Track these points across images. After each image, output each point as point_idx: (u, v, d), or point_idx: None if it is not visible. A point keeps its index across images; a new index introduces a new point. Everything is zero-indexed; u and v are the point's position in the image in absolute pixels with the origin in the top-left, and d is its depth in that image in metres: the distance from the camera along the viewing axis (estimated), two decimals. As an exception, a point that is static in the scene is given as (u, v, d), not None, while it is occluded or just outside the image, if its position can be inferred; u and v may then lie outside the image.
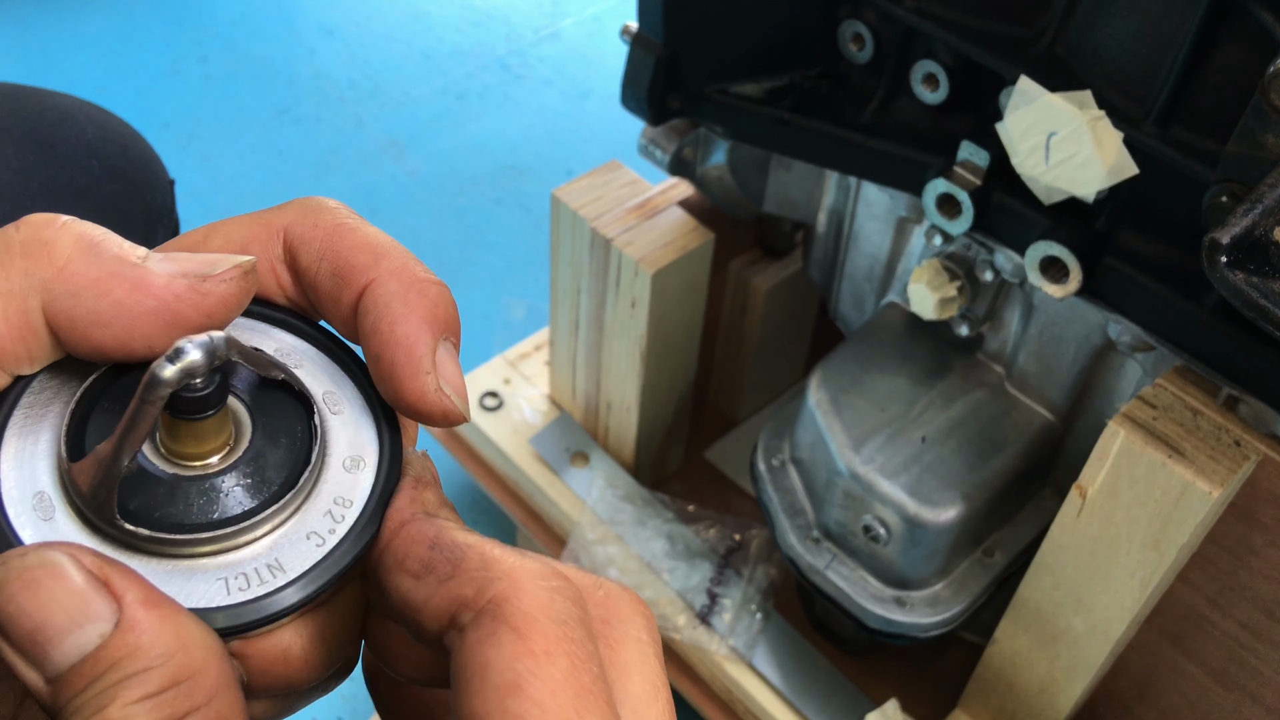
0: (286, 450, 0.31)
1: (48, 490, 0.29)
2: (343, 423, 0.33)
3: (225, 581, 0.29)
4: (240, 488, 0.30)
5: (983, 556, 0.88)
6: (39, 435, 0.30)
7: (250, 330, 0.33)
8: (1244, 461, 0.69)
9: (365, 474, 0.32)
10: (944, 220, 0.77)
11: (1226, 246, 0.46)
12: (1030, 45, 0.72)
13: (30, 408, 0.30)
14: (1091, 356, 0.81)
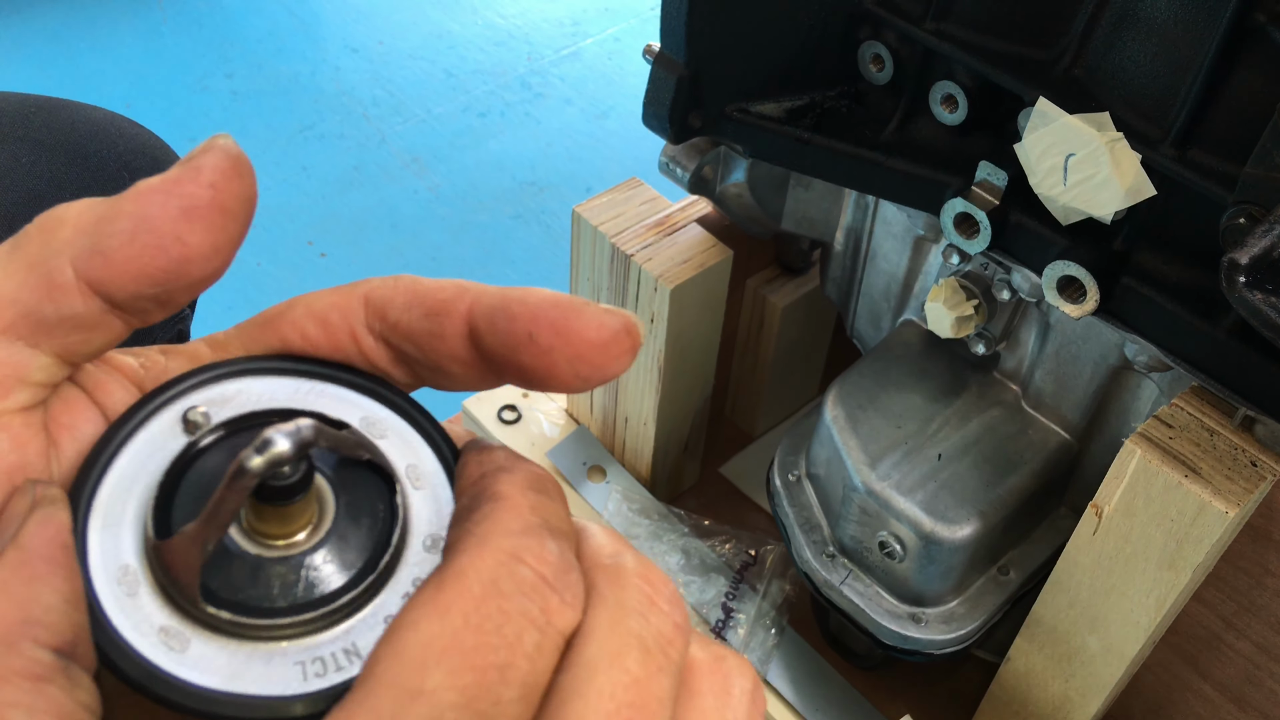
0: (369, 530, 0.30)
1: (133, 564, 0.29)
2: (424, 499, 0.32)
3: (303, 666, 0.29)
4: (322, 570, 0.29)
5: (998, 574, 0.88)
6: (127, 504, 0.29)
7: (336, 399, 0.33)
8: (1260, 482, 0.69)
9: None
10: (962, 240, 0.78)
11: (1245, 266, 0.47)
12: (1049, 67, 0.73)
13: (120, 476, 0.30)
14: (1108, 376, 0.82)
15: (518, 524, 0.28)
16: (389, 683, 0.25)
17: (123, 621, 0.28)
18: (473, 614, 0.26)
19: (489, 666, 0.26)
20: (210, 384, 0.32)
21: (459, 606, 0.26)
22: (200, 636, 0.28)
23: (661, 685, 0.28)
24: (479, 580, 0.27)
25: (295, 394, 0.32)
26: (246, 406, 0.31)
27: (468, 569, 0.27)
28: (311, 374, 0.33)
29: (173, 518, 0.29)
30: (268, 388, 0.33)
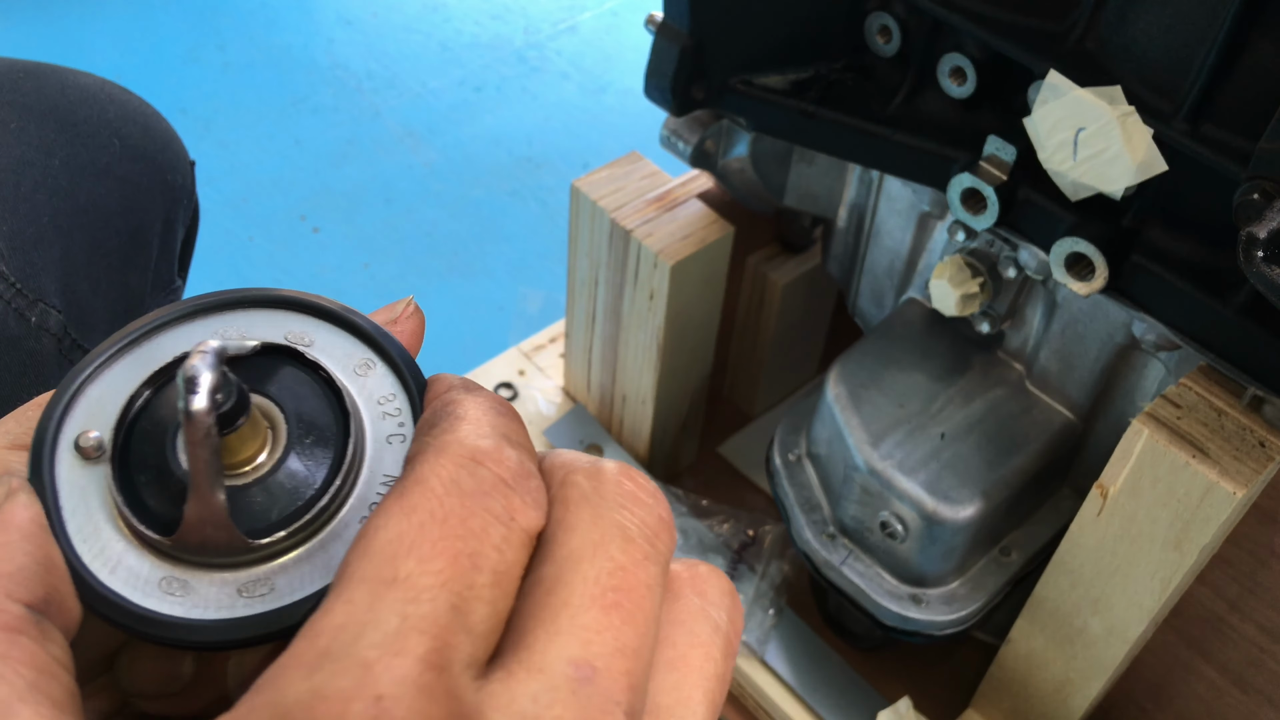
0: (325, 437, 0.31)
1: (106, 529, 0.30)
2: (370, 397, 0.32)
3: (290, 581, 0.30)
4: (291, 484, 0.30)
5: (999, 555, 0.87)
6: (88, 482, 0.30)
7: (249, 323, 0.33)
8: (1269, 462, 0.68)
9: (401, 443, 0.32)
10: (969, 215, 0.77)
11: (1264, 241, 0.45)
12: (1060, 40, 0.71)
13: (70, 487, 0.30)
14: (1114, 355, 0.81)
15: (475, 433, 0.29)
16: (361, 577, 0.26)
17: (116, 581, 0.29)
18: (437, 509, 0.27)
19: (459, 553, 0.26)
20: (97, 373, 0.31)
21: (423, 505, 0.27)
22: (194, 577, 0.29)
23: (649, 572, 0.29)
24: (440, 481, 0.27)
25: (210, 331, 0.33)
26: (177, 351, 0.32)
27: (428, 474, 0.28)
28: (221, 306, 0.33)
29: (134, 475, 0.30)
30: (188, 335, 0.32)
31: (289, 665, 0.25)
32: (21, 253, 0.61)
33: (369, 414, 0.32)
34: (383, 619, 0.25)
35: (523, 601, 0.27)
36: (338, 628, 0.25)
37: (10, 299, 0.60)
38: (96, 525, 0.30)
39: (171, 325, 0.32)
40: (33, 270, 0.61)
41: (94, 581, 0.29)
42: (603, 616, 0.27)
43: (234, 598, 0.29)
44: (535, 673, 0.26)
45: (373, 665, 0.24)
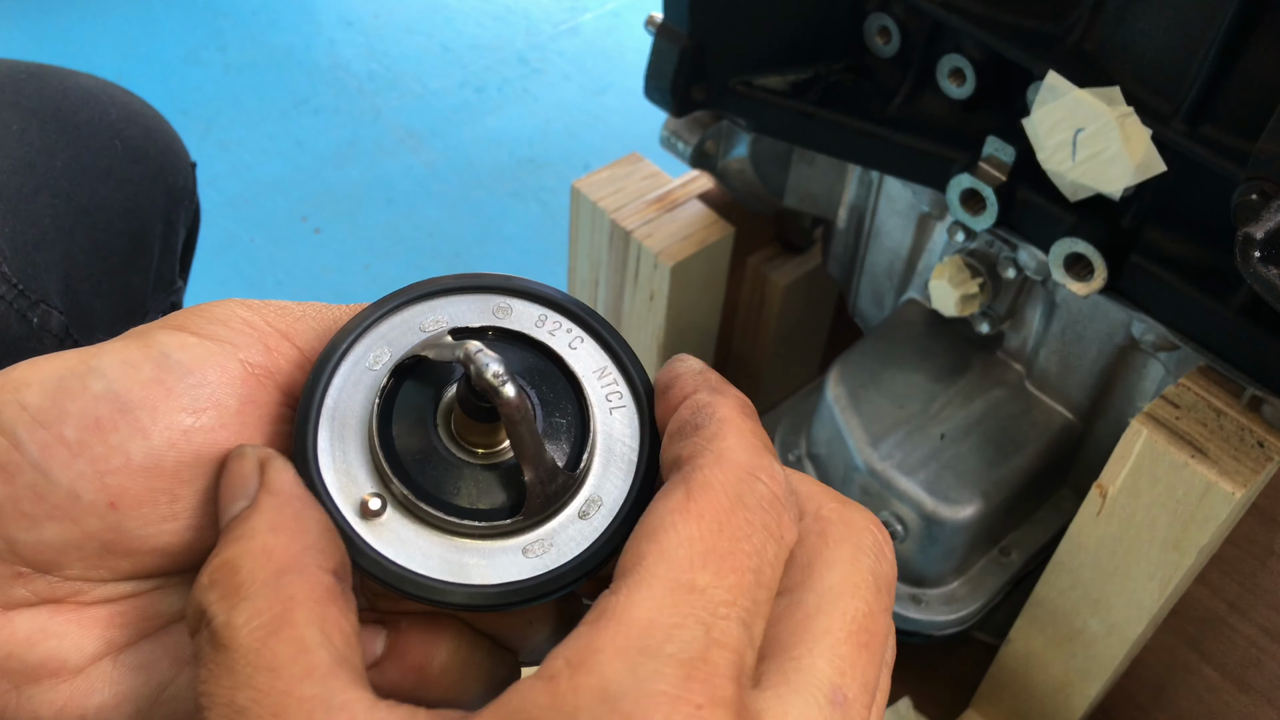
0: (565, 433, 0.35)
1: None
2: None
3: (532, 557, 0.34)
4: (554, 446, 0.34)
5: (999, 555, 0.88)
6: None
7: (456, 307, 0.36)
8: (1267, 462, 0.68)
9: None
10: (968, 216, 0.77)
11: (1260, 241, 0.46)
12: (1059, 40, 0.72)
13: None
14: (1113, 355, 0.81)
15: (748, 444, 0.31)
16: (662, 576, 0.28)
17: (357, 523, 0.33)
18: (725, 522, 0.29)
19: (745, 569, 0.29)
20: (387, 317, 0.35)
21: (711, 514, 0.29)
22: (420, 533, 0.33)
23: (885, 623, 0.32)
24: (725, 493, 0.30)
25: (472, 313, 0.36)
26: (444, 325, 0.35)
27: (713, 481, 0.30)
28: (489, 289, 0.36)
29: (393, 433, 0.34)
30: (454, 310, 0.36)
31: (606, 648, 0.27)
32: (23, 254, 0.61)
33: (590, 386, 0.36)
34: (689, 628, 0.27)
35: (784, 620, 0.30)
36: (647, 623, 0.27)
37: (12, 300, 0.60)
38: (364, 501, 0.33)
39: (388, 314, 0.35)
40: (34, 271, 0.61)
41: (382, 558, 0.32)
42: (856, 652, 0.30)
43: (519, 557, 0.33)
44: (800, 691, 0.28)
45: (690, 675, 0.27)
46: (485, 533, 0.33)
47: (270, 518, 0.31)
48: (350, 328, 0.35)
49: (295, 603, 0.29)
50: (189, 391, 0.32)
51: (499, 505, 0.34)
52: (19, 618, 0.32)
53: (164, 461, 0.32)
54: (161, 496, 0.32)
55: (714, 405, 0.32)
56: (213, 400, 0.33)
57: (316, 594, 0.29)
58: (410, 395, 0.34)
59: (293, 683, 0.27)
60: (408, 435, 0.34)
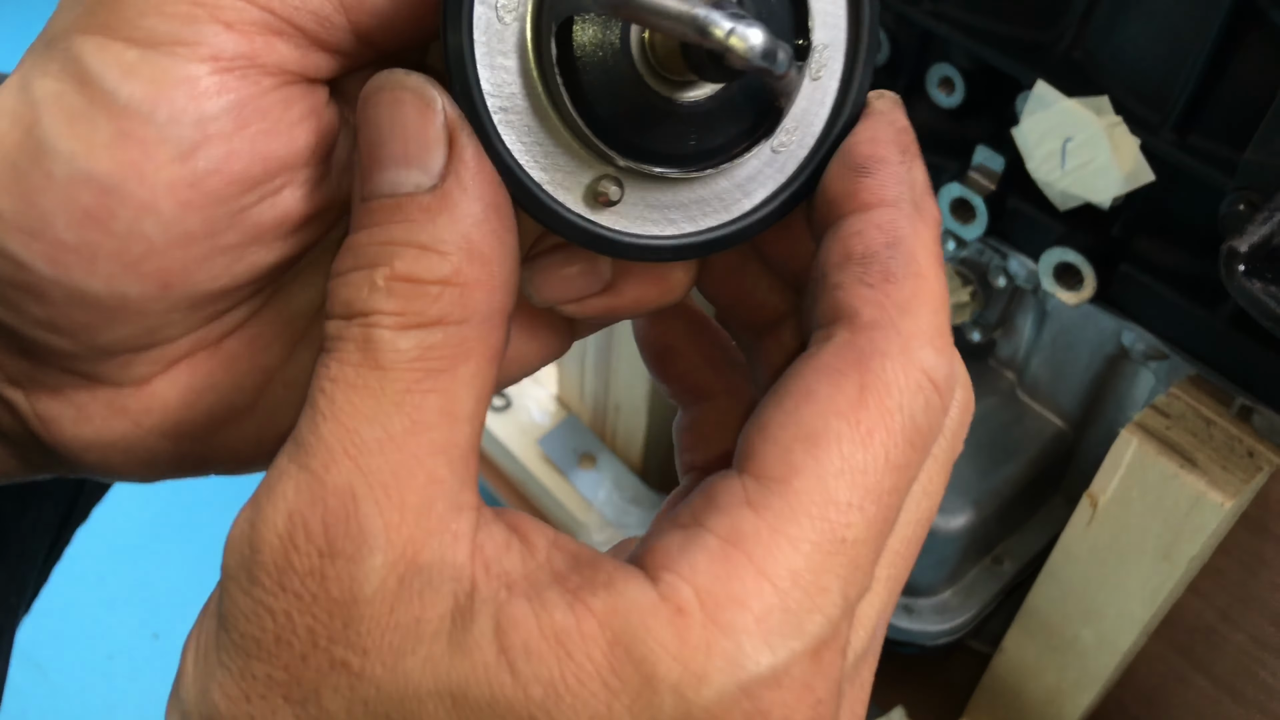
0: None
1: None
2: None
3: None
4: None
5: (992, 564, 0.87)
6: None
7: None
8: (1257, 473, 0.68)
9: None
10: (958, 225, 0.77)
11: (1244, 255, 0.45)
12: (1048, 50, 0.72)
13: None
14: (1104, 364, 0.81)
15: (936, 327, 0.28)
16: (816, 517, 0.26)
17: (596, 214, 0.30)
18: (891, 455, 0.27)
19: (892, 508, 0.27)
20: None
21: (880, 439, 0.27)
22: (667, 193, 0.31)
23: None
24: (901, 410, 0.27)
25: None
26: None
27: (892, 387, 0.27)
28: None
29: (590, 98, 0.29)
30: None
31: (749, 603, 0.25)
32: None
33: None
34: (830, 598, 0.26)
35: None
36: (791, 582, 0.25)
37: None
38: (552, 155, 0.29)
39: None
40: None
41: (645, 240, 0.30)
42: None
43: (770, 158, 0.31)
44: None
45: (818, 659, 0.25)
46: (734, 160, 0.31)
47: (469, 232, 0.27)
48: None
49: (468, 365, 0.26)
50: (168, 136, 0.27)
51: (744, 128, 0.31)
52: None
53: (191, 226, 0.28)
54: (217, 256, 0.29)
55: (913, 247, 0.29)
56: (202, 132, 0.27)
57: (487, 356, 0.27)
58: (587, 44, 0.29)
59: (419, 457, 0.26)
60: (609, 96, 0.29)
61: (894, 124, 0.31)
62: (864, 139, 0.31)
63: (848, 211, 0.30)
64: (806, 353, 0.28)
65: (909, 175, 0.30)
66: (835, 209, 0.30)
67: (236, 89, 0.27)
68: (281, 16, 0.28)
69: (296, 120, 0.29)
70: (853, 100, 0.32)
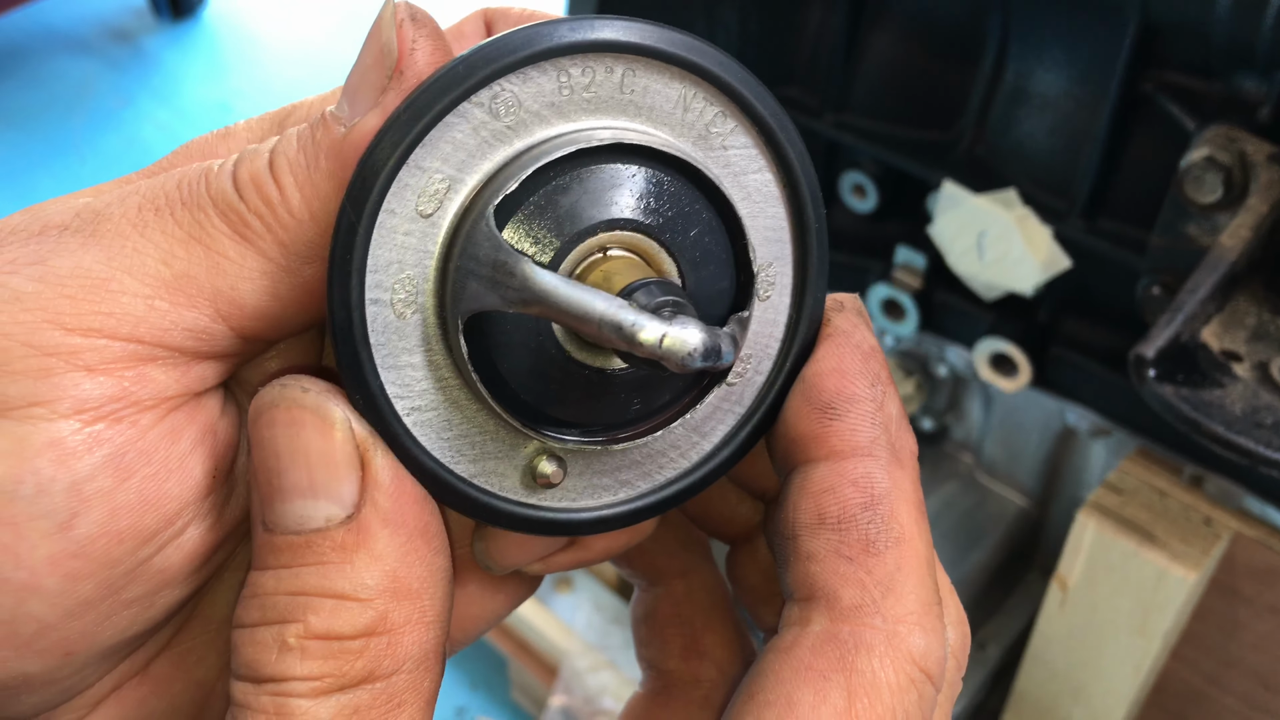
0: (715, 226, 0.28)
1: None
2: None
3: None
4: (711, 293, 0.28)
5: (976, 651, 0.87)
6: None
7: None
8: (1216, 540, 0.68)
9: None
10: (891, 323, 0.78)
11: (1152, 360, 0.46)
12: (951, 149, 0.73)
13: None
14: (1055, 441, 0.81)
15: (924, 622, 0.26)
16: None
17: (532, 496, 0.28)
18: None
19: None
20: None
21: None
22: (574, 464, 0.28)
23: None
24: (893, 714, 0.25)
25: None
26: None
27: (882, 688, 0.25)
28: None
29: (511, 385, 0.27)
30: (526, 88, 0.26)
31: None
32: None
33: (733, 181, 0.28)
34: None
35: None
36: None
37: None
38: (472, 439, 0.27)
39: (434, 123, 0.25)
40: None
41: (593, 513, 0.28)
42: None
43: (725, 391, 0.29)
44: None
45: None
46: (689, 407, 0.28)
47: (394, 568, 0.24)
48: (345, 258, 0.25)
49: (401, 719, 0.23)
50: (38, 511, 0.24)
51: (688, 381, 0.28)
52: None
53: (84, 594, 0.25)
54: (121, 611, 0.26)
55: (894, 505, 0.26)
56: (78, 497, 0.24)
57: (422, 702, 0.24)
58: (508, 333, 0.26)
59: None
60: (529, 374, 0.26)
61: (860, 347, 0.28)
62: (828, 369, 0.28)
63: (817, 458, 0.27)
64: (783, 641, 0.26)
65: (882, 413, 0.27)
66: (802, 452, 0.27)
67: (111, 439, 0.24)
68: (152, 343, 0.25)
69: (188, 451, 0.26)
70: (808, 318, 0.29)
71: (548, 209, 0.25)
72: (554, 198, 0.25)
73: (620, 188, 0.25)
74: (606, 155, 0.25)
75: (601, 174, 0.25)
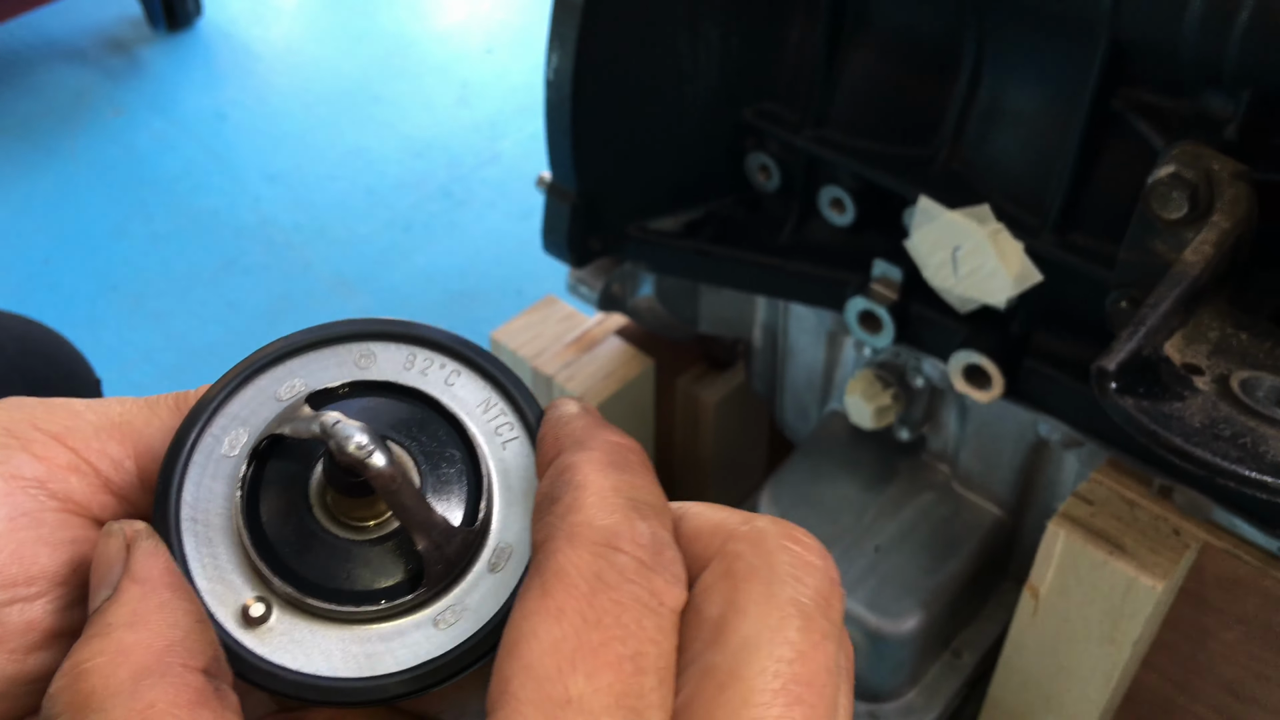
0: (455, 496, 0.31)
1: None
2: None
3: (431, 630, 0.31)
4: (448, 504, 0.31)
5: (951, 658, 0.88)
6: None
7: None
8: (1184, 551, 0.69)
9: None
10: (867, 335, 0.79)
11: (1114, 373, 0.47)
12: (927, 164, 0.74)
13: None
14: (1029, 452, 0.82)
15: (604, 511, 0.27)
16: (530, 699, 0.25)
17: (242, 633, 0.30)
18: (588, 611, 0.26)
19: (622, 659, 0.25)
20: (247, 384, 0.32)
21: (571, 606, 0.26)
22: (316, 630, 0.30)
23: (828, 653, 0.27)
24: (582, 576, 0.26)
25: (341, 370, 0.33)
26: (305, 389, 0.32)
27: (567, 566, 0.26)
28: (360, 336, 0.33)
29: (265, 525, 0.31)
30: (312, 369, 0.33)
31: None
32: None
33: (475, 424, 0.32)
34: None
35: (695, 693, 0.26)
36: None
37: None
38: (237, 591, 0.30)
39: (238, 388, 0.32)
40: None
41: (276, 668, 0.30)
42: (786, 713, 0.25)
43: (431, 631, 0.30)
44: None
45: None
46: (389, 613, 0.30)
47: (131, 610, 0.27)
48: (196, 412, 0.31)
49: (156, 712, 0.25)
50: None
51: (400, 580, 0.30)
52: None
53: None
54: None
55: (573, 468, 0.29)
56: None
57: (183, 698, 0.26)
58: (277, 478, 0.31)
59: None
60: (282, 524, 0.31)
61: (559, 414, 0.31)
62: (540, 432, 0.31)
63: None
64: None
65: (569, 426, 0.31)
66: None
67: (20, 500, 0.30)
68: (83, 457, 0.31)
69: (66, 540, 0.30)
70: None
71: None
72: None
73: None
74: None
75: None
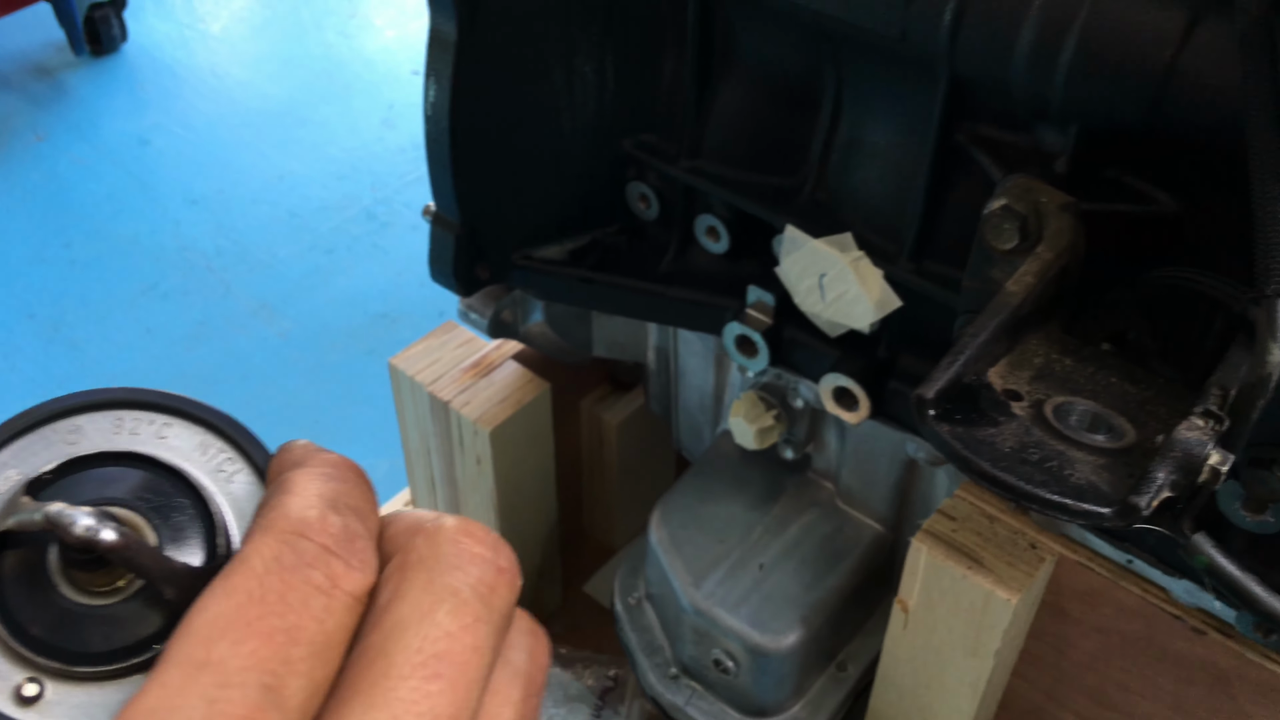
0: (190, 517, 0.33)
1: None
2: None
3: None
4: (155, 603, 0.33)
5: (836, 671, 0.90)
6: None
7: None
8: (1040, 563, 0.72)
9: None
10: (744, 359, 0.81)
11: (931, 400, 0.50)
12: (795, 194, 0.77)
13: None
14: (903, 470, 0.85)
15: (299, 506, 0.30)
16: (177, 660, 0.27)
17: (24, 713, 0.31)
18: (255, 588, 0.28)
19: (274, 631, 0.27)
20: None
21: (243, 585, 0.28)
22: (93, 693, 0.31)
23: (478, 634, 0.29)
24: (261, 559, 0.28)
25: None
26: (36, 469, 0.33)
27: (251, 553, 0.29)
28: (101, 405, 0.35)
29: (16, 612, 0.32)
30: (23, 455, 0.34)
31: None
32: None
33: (195, 467, 0.34)
34: (190, 703, 0.26)
35: (347, 670, 0.28)
36: (148, 711, 0.26)
37: None
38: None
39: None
40: None
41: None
42: (421, 686, 0.27)
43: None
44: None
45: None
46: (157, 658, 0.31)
47: None
48: None
49: None
50: None
51: (160, 626, 0.32)
52: None
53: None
54: None
55: (287, 479, 0.31)
56: None
57: None
58: (15, 569, 0.32)
59: None
60: (34, 609, 0.32)
61: (284, 452, 0.34)
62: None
63: None
64: None
65: (291, 455, 0.33)
66: None
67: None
68: None
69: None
70: None
71: None
72: None
73: None
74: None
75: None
